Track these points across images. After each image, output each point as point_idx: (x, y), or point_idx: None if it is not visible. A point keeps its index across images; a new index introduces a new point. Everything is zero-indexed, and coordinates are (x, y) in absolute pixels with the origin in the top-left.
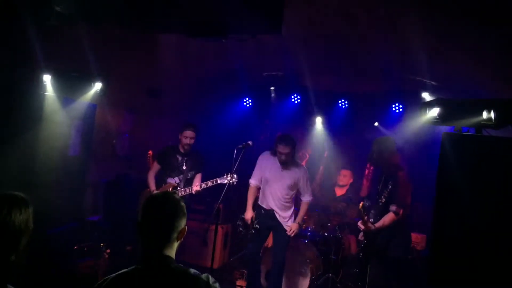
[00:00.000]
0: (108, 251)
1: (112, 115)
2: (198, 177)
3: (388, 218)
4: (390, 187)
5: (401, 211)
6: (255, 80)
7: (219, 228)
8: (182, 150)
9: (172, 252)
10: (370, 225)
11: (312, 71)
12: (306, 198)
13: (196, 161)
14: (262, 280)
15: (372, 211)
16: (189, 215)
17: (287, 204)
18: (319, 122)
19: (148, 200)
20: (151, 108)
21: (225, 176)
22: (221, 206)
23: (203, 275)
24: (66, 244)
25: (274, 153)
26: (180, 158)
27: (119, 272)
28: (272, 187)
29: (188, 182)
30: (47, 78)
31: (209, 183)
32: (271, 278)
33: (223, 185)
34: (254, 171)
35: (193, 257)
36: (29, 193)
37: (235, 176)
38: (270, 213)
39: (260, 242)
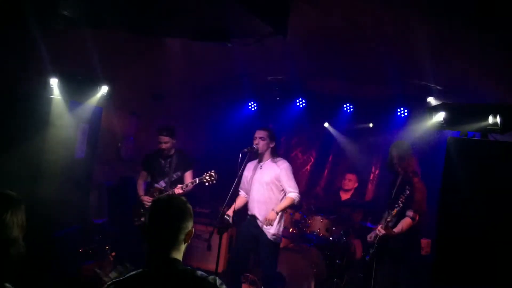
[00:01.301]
0: (113, 254)
1: (118, 118)
2: (188, 175)
3: (405, 223)
4: (407, 192)
5: (417, 216)
6: (260, 84)
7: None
8: (163, 153)
9: (179, 254)
10: (390, 230)
11: (317, 75)
12: (290, 194)
13: (180, 160)
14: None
15: (388, 216)
16: (194, 219)
17: (270, 208)
18: (324, 126)
19: (154, 203)
20: (156, 111)
21: (204, 175)
22: (225, 209)
23: (210, 277)
24: (71, 247)
25: (253, 152)
26: (163, 162)
27: (127, 275)
28: (253, 188)
29: (175, 183)
30: (53, 82)
31: (189, 185)
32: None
33: (228, 188)
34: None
35: (197, 261)
36: (35, 195)
37: (213, 174)
38: (252, 219)
39: (243, 252)
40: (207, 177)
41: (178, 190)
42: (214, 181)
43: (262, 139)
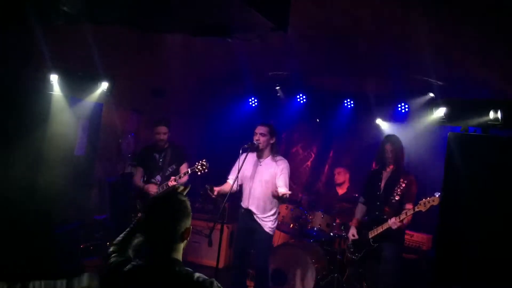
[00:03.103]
0: None
1: (118, 115)
2: (184, 167)
3: (409, 216)
4: (403, 185)
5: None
6: (261, 79)
7: (225, 227)
8: (157, 148)
9: (177, 253)
10: (402, 223)
11: (317, 71)
12: (282, 189)
13: (174, 154)
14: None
15: (386, 208)
16: (194, 214)
17: (268, 205)
18: (324, 121)
19: (150, 201)
20: (157, 107)
21: (195, 165)
22: (226, 205)
23: (207, 281)
24: (72, 243)
25: (254, 148)
26: (157, 156)
27: (128, 266)
28: (250, 183)
29: (171, 177)
30: (54, 78)
31: (182, 176)
32: (255, 284)
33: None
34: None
35: (198, 257)
36: (35, 192)
37: (204, 163)
38: (249, 213)
39: (244, 246)
40: (199, 166)
41: (171, 182)
42: (206, 170)
43: (262, 135)
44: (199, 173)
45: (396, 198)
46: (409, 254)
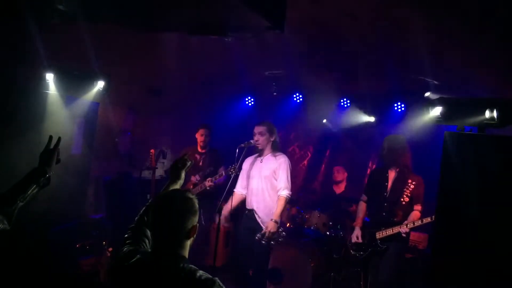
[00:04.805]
0: (110, 249)
1: (114, 114)
2: (220, 170)
3: (416, 217)
4: (412, 186)
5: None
6: (257, 78)
7: (221, 226)
8: (199, 149)
9: (182, 250)
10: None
11: (314, 70)
12: (281, 193)
13: (213, 157)
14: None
15: (396, 210)
16: None
17: (268, 202)
18: (321, 121)
19: (157, 199)
20: (153, 106)
21: (229, 168)
22: (223, 204)
23: (209, 280)
24: (68, 242)
25: (254, 149)
26: (198, 157)
27: (135, 259)
28: (253, 181)
29: (208, 178)
30: (49, 77)
31: (217, 177)
32: (252, 280)
33: (225, 183)
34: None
35: (195, 255)
36: None
37: (236, 167)
38: (251, 213)
39: (246, 248)
40: (232, 170)
41: (208, 182)
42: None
43: (261, 135)
44: (232, 176)
45: (406, 200)
46: (406, 253)
